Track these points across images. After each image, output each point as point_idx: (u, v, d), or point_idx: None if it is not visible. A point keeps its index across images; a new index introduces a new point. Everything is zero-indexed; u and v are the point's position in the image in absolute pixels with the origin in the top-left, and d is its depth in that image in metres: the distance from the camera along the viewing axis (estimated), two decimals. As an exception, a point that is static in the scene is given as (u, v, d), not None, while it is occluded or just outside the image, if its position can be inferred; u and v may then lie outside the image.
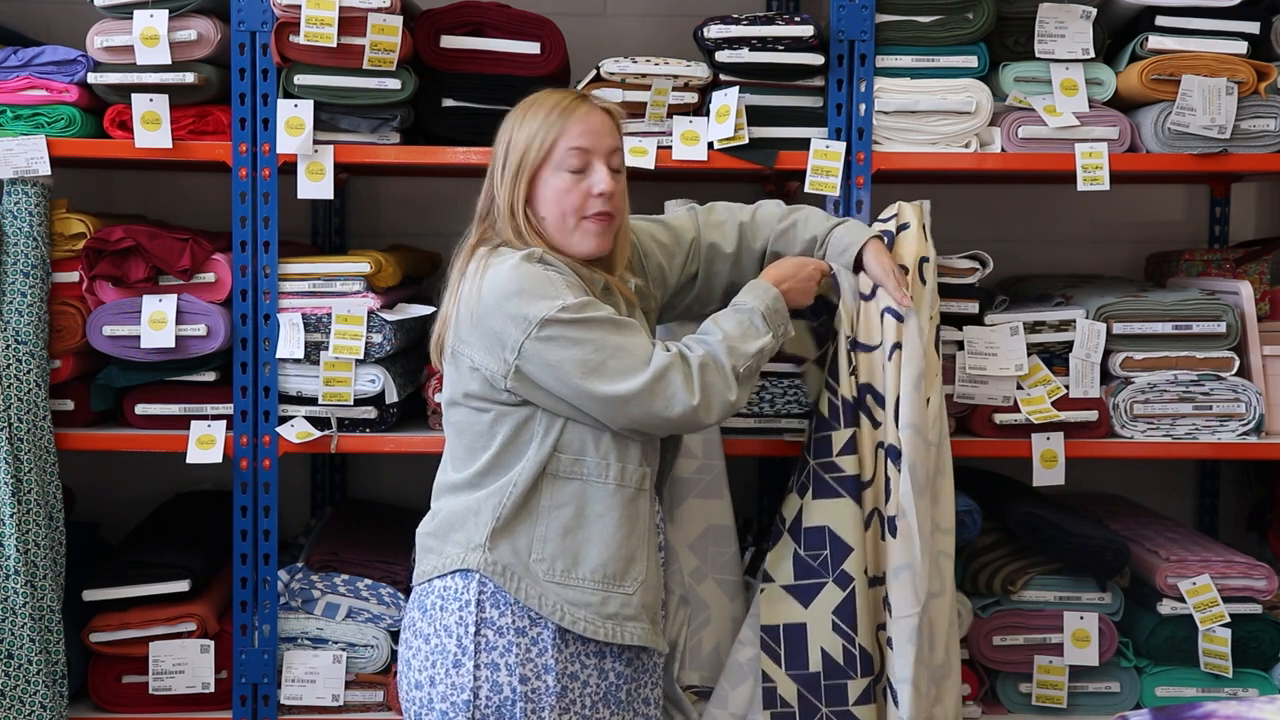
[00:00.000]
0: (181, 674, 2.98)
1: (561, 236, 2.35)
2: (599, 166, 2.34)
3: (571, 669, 2.31)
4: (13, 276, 2.90)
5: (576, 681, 2.31)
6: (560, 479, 2.32)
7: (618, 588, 2.32)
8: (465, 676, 2.28)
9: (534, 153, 2.33)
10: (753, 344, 2.36)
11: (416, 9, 3.11)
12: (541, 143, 2.33)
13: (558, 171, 2.33)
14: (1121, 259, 3.77)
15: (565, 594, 2.30)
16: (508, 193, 2.35)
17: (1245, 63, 3.01)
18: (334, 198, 3.03)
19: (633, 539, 2.34)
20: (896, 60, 3.01)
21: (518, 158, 2.34)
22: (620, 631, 2.32)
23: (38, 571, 2.88)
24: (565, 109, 2.35)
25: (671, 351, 2.30)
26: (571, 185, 2.33)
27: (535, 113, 2.36)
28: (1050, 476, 3.01)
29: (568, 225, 2.34)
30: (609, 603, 2.31)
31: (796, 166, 3.01)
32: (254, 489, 2.99)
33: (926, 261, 2.86)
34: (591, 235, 2.36)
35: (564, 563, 2.31)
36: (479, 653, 2.28)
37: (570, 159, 2.33)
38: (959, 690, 2.87)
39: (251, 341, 2.97)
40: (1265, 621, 3.07)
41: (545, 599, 2.30)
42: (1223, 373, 3.05)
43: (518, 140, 2.35)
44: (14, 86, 2.93)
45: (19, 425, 2.87)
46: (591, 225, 2.35)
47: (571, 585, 2.31)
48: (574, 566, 2.31)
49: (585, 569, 2.31)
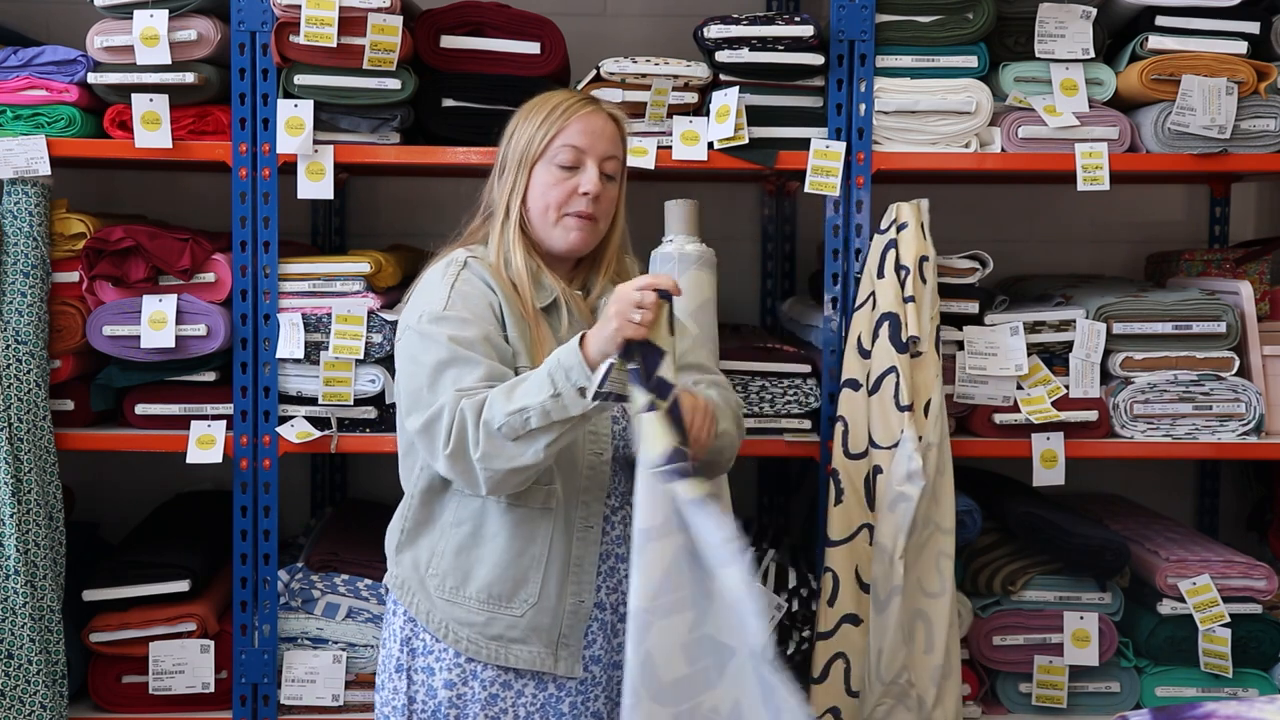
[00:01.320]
0: (181, 674, 2.98)
1: (543, 230, 2.35)
2: (590, 167, 2.33)
3: (504, 678, 2.29)
4: (13, 276, 2.90)
5: (510, 690, 2.29)
6: (466, 496, 2.29)
7: (504, 609, 2.26)
8: (403, 681, 2.30)
9: (534, 146, 2.34)
10: (517, 402, 2.11)
11: (416, 9, 3.11)
12: (542, 137, 2.33)
13: (549, 166, 2.33)
14: (1121, 259, 3.77)
15: (453, 612, 2.27)
16: (508, 184, 2.36)
17: (1245, 63, 3.01)
18: (334, 198, 3.03)
19: (523, 560, 2.26)
20: (896, 60, 3.01)
21: (519, 151, 2.35)
22: (505, 654, 2.26)
23: (38, 571, 2.88)
24: (569, 107, 2.35)
25: (462, 392, 2.17)
26: (559, 180, 2.32)
27: (541, 109, 2.36)
28: (1050, 476, 3.01)
29: (549, 219, 2.33)
30: (494, 624, 2.26)
31: (796, 166, 3.01)
32: (254, 489, 2.99)
33: (926, 261, 2.87)
34: (570, 231, 2.33)
35: (454, 580, 2.28)
36: (414, 657, 2.30)
37: (563, 154, 2.32)
38: (959, 690, 2.87)
39: (251, 341, 2.97)
40: (1265, 621, 3.07)
41: (433, 615, 2.28)
42: (1223, 373, 3.05)
43: (521, 135, 2.36)
44: (14, 86, 2.93)
45: (19, 425, 2.87)
46: (571, 222, 2.33)
47: (459, 603, 2.27)
48: (463, 585, 2.28)
49: (472, 588, 2.27)
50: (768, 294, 3.74)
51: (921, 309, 2.86)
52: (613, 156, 2.37)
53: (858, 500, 2.87)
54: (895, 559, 2.79)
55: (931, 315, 2.88)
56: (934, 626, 2.83)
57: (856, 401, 2.89)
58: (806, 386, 3.07)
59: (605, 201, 2.36)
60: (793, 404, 3.06)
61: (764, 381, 3.07)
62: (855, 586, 2.87)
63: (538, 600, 2.27)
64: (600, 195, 2.33)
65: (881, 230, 2.93)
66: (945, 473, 2.87)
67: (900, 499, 2.80)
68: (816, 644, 2.90)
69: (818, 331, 3.11)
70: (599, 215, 2.35)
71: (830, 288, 3.04)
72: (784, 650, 3.08)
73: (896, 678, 2.81)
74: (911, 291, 2.85)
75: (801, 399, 3.06)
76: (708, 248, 2.97)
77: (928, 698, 2.82)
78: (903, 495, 2.79)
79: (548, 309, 2.34)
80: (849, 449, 2.89)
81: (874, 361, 2.87)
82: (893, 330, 2.84)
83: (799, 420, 3.07)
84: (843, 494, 2.88)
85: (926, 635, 2.84)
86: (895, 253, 2.88)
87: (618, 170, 2.39)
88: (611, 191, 2.38)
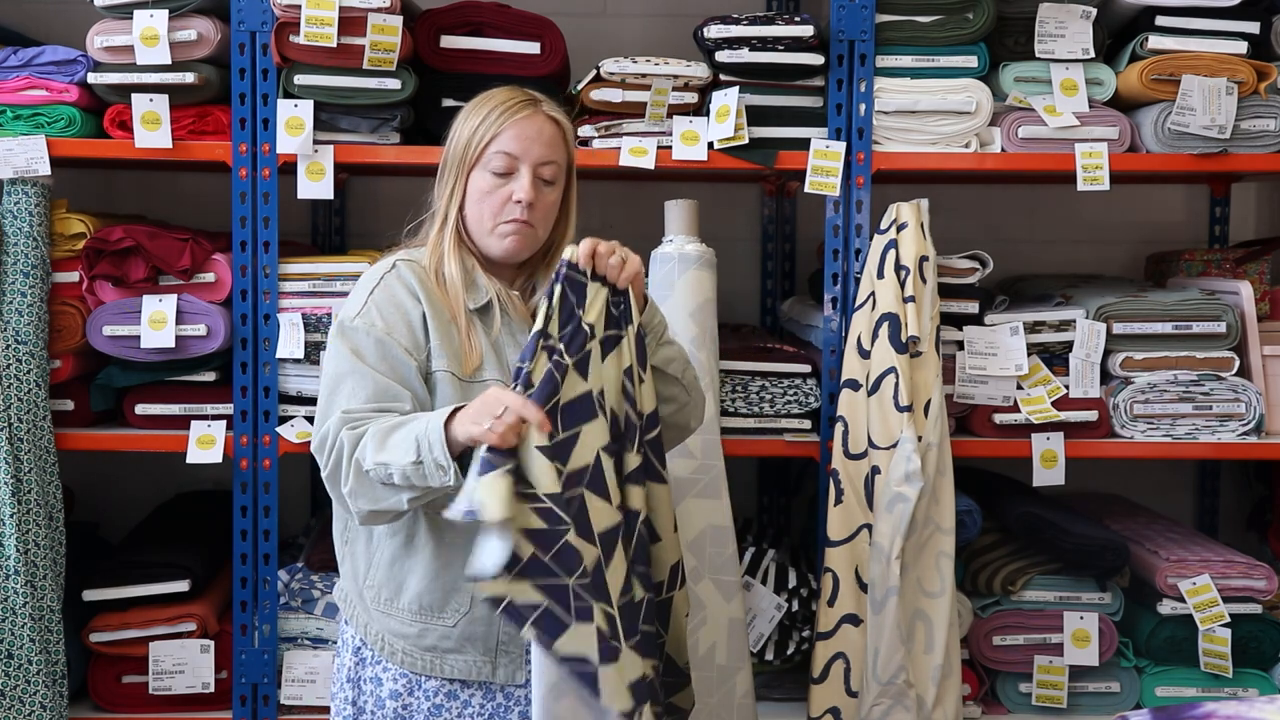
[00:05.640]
0: (181, 674, 2.98)
1: (480, 237, 2.29)
2: (524, 173, 2.26)
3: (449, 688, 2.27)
4: (13, 276, 2.90)
5: (456, 701, 2.26)
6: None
7: (436, 619, 2.23)
8: (352, 691, 2.29)
9: (470, 151, 2.28)
10: (384, 455, 2.07)
11: (416, 9, 3.11)
12: (478, 142, 2.27)
13: (484, 172, 2.27)
14: (1121, 259, 3.77)
15: (387, 623, 2.25)
16: (446, 187, 2.30)
17: (1245, 63, 3.01)
18: (334, 198, 3.03)
19: (453, 569, 2.20)
20: (896, 60, 3.01)
21: (457, 155, 2.29)
22: (439, 664, 2.23)
23: (38, 571, 2.88)
24: (505, 111, 2.28)
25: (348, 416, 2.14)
26: (494, 187, 2.26)
27: (479, 111, 2.30)
28: (1050, 476, 3.01)
29: (485, 226, 2.28)
30: (427, 634, 2.23)
31: (796, 166, 3.01)
32: (254, 489, 2.99)
33: (926, 261, 2.87)
34: (505, 238, 2.27)
35: (389, 591, 2.26)
36: (363, 667, 2.28)
37: (496, 161, 2.26)
38: (959, 690, 2.87)
39: (251, 341, 2.97)
40: (1265, 621, 3.06)
41: (371, 627, 2.26)
42: (1223, 373, 3.05)
43: (460, 138, 2.30)
44: (14, 86, 2.93)
45: (19, 425, 2.87)
46: (506, 228, 2.27)
47: (392, 615, 2.25)
48: (396, 596, 2.24)
49: (405, 599, 2.24)
50: (768, 294, 3.74)
51: (921, 309, 2.86)
52: (550, 161, 2.28)
53: (858, 500, 2.87)
54: (892, 559, 2.79)
55: (931, 315, 2.88)
56: (934, 626, 2.83)
57: (856, 402, 2.89)
58: (806, 386, 3.07)
59: (542, 208, 2.28)
60: (793, 404, 3.06)
61: (764, 381, 3.07)
62: (855, 587, 2.87)
63: (469, 609, 2.22)
64: (535, 202, 2.26)
65: (881, 230, 2.93)
66: (945, 473, 2.87)
67: (898, 499, 2.80)
68: (816, 644, 2.90)
69: (818, 331, 3.11)
70: (535, 222, 2.28)
71: (830, 288, 3.04)
72: (784, 650, 3.09)
73: (894, 678, 2.81)
74: (911, 291, 2.85)
75: (801, 399, 3.06)
76: (707, 248, 2.97)
77: (928, 697, 2.82)
78: (900, 496, 2.79)
79: (481, 310, 2.28)
80: (849, 449, 2.89)
81: (873, 362, 2.87)
82: (892, 330, 2.84)
83: (799, 420, 3.07)
84: (843, 494, 2.88)
85: (926, 635, 2.84)
86: (895, 253, 2.88)
87: (558, 174, 2.31)
88: (550, 196, 2.30)
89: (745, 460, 3.60)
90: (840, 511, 2.88)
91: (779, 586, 3.06)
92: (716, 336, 2.97)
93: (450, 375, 2.21)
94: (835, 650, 2.88)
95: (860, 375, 2.90)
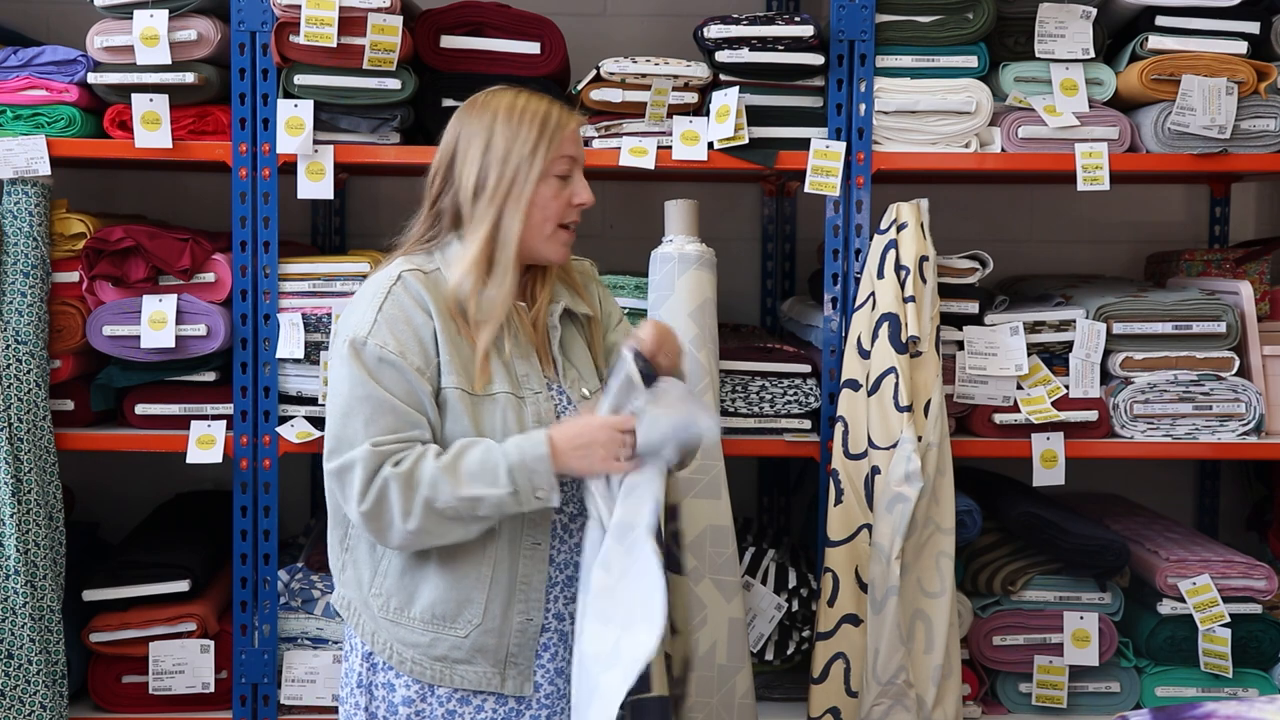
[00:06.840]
0: (181, 674, 2.98)
1: (536, 243, 2.24)
2: (579, 176, 2.27)
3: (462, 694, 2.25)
4: (13, 276, 2.90)
5: (468, 706, 2.25)
6: None
7: (448, 630, 2.21)
8: (364, 697, 2.27)
9: (537, 162, 2.21)
10: (470, 489, 2.11)
11: (416, 9, 3.11)
12: (546, 150, 2.21)
13: (549, 179, 2.23)
14: (1121, 259, 3.77)
15: (396, 632, 2.22)
16: (494, 203, 2.21)
17: (1245, 63, 3.01)
18: (334, 198, 3.03)
19: (467, 581, 2.20)
20: (896, 60, 3.01)
21: (514, 167, 2.21)
22: (450, 675, 2.21)
23: (38, 571, 2.88)
24: (561, 115, 2.25)
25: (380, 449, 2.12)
26: (558, 192, 2.24)
27: (529, 120, 2.22)
28: (1050, 476, 3.01)
29: (544, 232, 2.24)
30: (438, 644, 2.21)
31: (796, 166, 3.01)
32: (254, 489, 2.99)
33: (926, 261, 2.87)
34: (562, 245, 2.27)
35: (399, 600, 2.23)
36: (375, 673, 2.26)
37: (560, 165, 2.24)
38: (959, 690, 2.87)
39: (251, 341, 2.97)
40: (1265, 621, 3.07)
41: (378, 636, 2.24)
42: (1223, 373, 3.05)
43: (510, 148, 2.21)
44: (14, 86, 2.93)
45: (19, 425, 2.87)
46: (564, 235, 2.27)
47: (402, 624, 2.22)
48: (407, 605, 2.22)
49: (416, 608, 2.22)
50: (768, 294, 3.74)
51: (921, 309, 2.86)
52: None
53: (858, 500, 2.87)
54: (892, 559, 2.79)
55: (931, 315, 2.88)
56: (934, 626, 2.83)
57: (856, 402, 2.90)
58: (806, 386, 3.07)
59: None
60: (793, 404, 3.06)
61: (764, 381, 3.07)
62: (855, 587, 2.87)
63: (482, 621, 2.21)
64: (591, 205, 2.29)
65: (881, 230, 2.93)
66: (945, 473, 2.87)
67: (898, 499, 2.80)
68: (816, 644, 2.90)
69: (818, 331, 3.11)
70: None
71: (830, 288, 3.04)
72: (784, 650, 3.09)
73: (894, 678, 2.81)
74: (911, 291, 2.85)
75: (801, 399, 3.06)
76: (707, 248, 2.97)
77: (928, 697, 2.82)
78: (900, 496, 2.79)
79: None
80: (849, 449, 2.89)
81: (873, 362, 2.87)
82: (892, 330, 2.84)
83: (799, 420, 3.07)
84: (843, 494, 2.88)
85: (926, 635, 2.84)
86: (895, 253, 2.88)
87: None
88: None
89: (745, 460, 3.60)
90: (840, 511, 2.88)
91: (779, 586, 3.06)
92: (716, 336, 2.97)
93: (460, 392, 2.18)
94: (835, 650, 2.88)
95: (860, 375, 2.90)
